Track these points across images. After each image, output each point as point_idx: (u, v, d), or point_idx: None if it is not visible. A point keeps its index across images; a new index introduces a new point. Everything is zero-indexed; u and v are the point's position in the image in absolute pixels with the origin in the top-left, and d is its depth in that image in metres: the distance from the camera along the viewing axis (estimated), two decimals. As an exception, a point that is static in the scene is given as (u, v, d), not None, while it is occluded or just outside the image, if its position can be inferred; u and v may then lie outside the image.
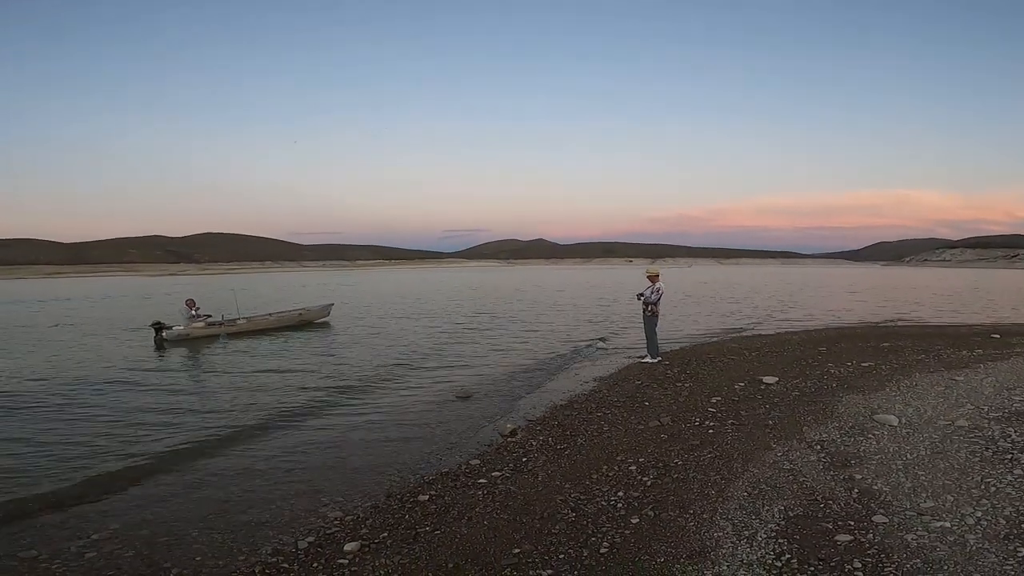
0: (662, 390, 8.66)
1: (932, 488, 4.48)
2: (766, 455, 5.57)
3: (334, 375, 11.46)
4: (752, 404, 7.53)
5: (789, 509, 4.33)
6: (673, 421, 6.94)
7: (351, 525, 4.76)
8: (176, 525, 4.99)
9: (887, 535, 3.82)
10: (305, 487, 5.78)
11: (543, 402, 8.61)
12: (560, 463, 5.81)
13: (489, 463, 6.00)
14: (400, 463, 6.32)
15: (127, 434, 7.69)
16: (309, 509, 5.19)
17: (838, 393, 7.88)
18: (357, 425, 7.93)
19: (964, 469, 4.81)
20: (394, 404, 9.02)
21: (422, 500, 5.12)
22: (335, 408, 8.88)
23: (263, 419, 8.37)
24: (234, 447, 7.13)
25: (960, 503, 4.17)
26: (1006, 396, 7.21)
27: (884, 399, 7.40)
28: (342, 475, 6.06)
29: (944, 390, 7.72)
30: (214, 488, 5.85)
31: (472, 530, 4.44)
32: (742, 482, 4.93)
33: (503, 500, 4.97)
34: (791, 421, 6.66)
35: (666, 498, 4.71)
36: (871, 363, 10.00)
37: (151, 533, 4.84)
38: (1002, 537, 3.66)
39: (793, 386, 8.44)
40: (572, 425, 7.16)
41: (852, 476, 4.87)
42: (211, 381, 11.37)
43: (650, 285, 11.07)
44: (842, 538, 3.82)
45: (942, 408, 6.78)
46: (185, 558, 4.40)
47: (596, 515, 4.51)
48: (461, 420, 7.96)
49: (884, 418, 6.44)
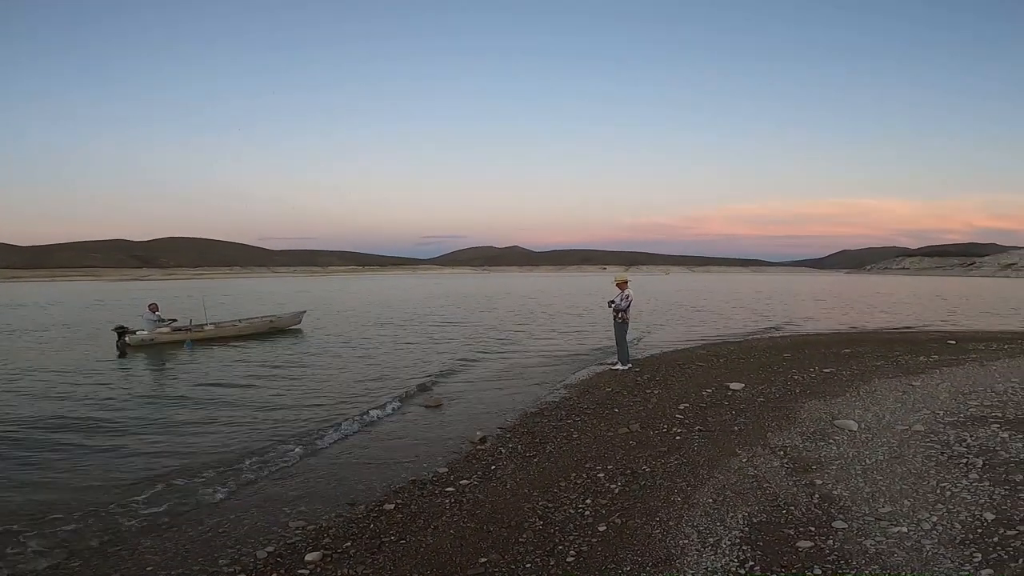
0: (631, 397, 8.72)
1: (890, 493, 4.58)
2: (731, 461, 5.64)
3: (301, 382, 11.25)
4: (719, 410, 7.64)
5: (753, 515, 4.38)
6: (642, 428, 6.98)
7: (313, 535, 4.65)
8: (128, 536, 4.82)
9: (846, 541, 3.88)
10: (265, 496, 5.64)
11: (513, 409, 8.59)
12: (529, 471, 5.79)
13: (457, 471, 5.94)
14: (366, 472, 6.22)
15: (78, 441, 7.42)
16: (269, 519, 5.06)
17: (801, 399, 8.05)
18: (322, 433, 7.75)
19: (920, 474, 4.94)
20: (362, 412, 8.86)
21: (388, 509, 5.04)
22: (300, 416, 8.68)
23: (222, 427, 8.15)
24: (191, 455, 6.92)
25: (917, 508, 4.28)
26: (961, 401, 7.46)
27: (844, 404, 7.58)
28: (305, 484, 5.93)
29: (902, 395, 7.95)
30: (167, 499, 5.65)
31: (438, 539, 4.38)
32: (708, 488, 4.97)
33: (471, 508, 4.93)
34: (756, 427, 6.77)
35: (633, 505, 4.73)
36: (833, 369, 10.26)
37: (101, 544, 4.67)
38: (957, 542, 3.75)
39: (758, 392, 8.59)
40: (542, 432, 7.15)
41: (813, 481, 4.96)
42: (171, 387, 11.04)
43: (619, 292, 11.16)
44: (803, 544, 3.88)
45: (900, 413, 6.98)
46: (135, 568, 4.26)
47: (564, 523, 4.50)
48: (430, 428, 7.88)
49: (844, 423, 6.59)
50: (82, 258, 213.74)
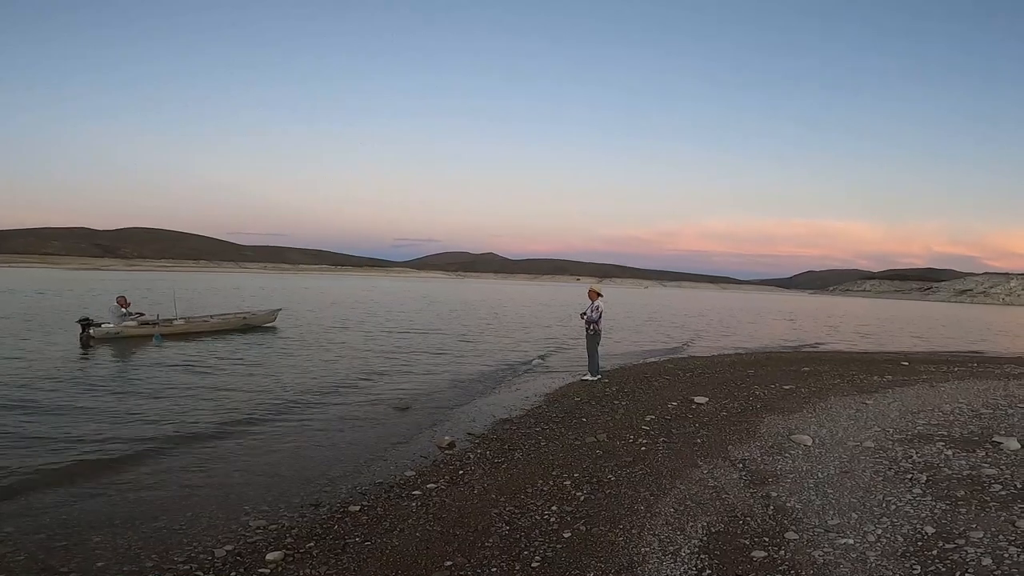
0: (599, 407, 8.87)
1: (839, 506, 4.79)
2: (693, 472, 5.81)
3: (269, 381, 11.12)
4: (683, 423, 7.84)
5: (711, 525, 4.54)
6: (608, 438, 7.12)
7: (275, 534, 4.64)
8: (77, 530, 4.73)
9: (797, 551, 4.05)
10: (226, 495, 5.59)
11: (483, 415, 8.65)
12: (497, 476, 5.85)
13: (425, 475, 5.97)
14: (332, 473, 6.20)
15: (27, 433, 7.23)
16: (229, 517, 5.02)
17: (761, 414, 8.31)
18: (288, 433, 7.72)
19: (868, 488, 5.18)
20: (329, 413, 8.82)
21: (353, 511, 5.05)
22: (265, 415, 8.59)
23: (185, 424, 8.02)
24: (150, 452, 6.80)
25: (863, 520, 4.48)
26: (910, 419, 7.81)
27: (801, 420, 7.87)
28: (268, 484, 5.88)
29: (855, 413, 8.28)
30: (123, 494, 5.57)
31: (404, 542, 4.41)
32: (670, 498, 5.12)
33: (437, 512, 4.96)
34: (718, 440, 6.97)
35: (598, 513, 4.84)
36: (792, 386, 10.60)
37: (47, 537, 4.58)
38: (899, 554, 3.94)
39: (722, 406, 8.83)
40: (510, 439, 7.23)
41: (769, 494, 5.15)
42: (134, 382, 10.77)
43: (590, 304, 11.34)
44: (757, 554, 4.04)
45: (852, 430, 7.28)
46: (84, 563, 4.19)
47: (530, 529, 4.58)
48: (398, 431, 7.88)
49: (800, 438, 6.85)
50: (41, 245, 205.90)
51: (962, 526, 4.26)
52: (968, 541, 4.02)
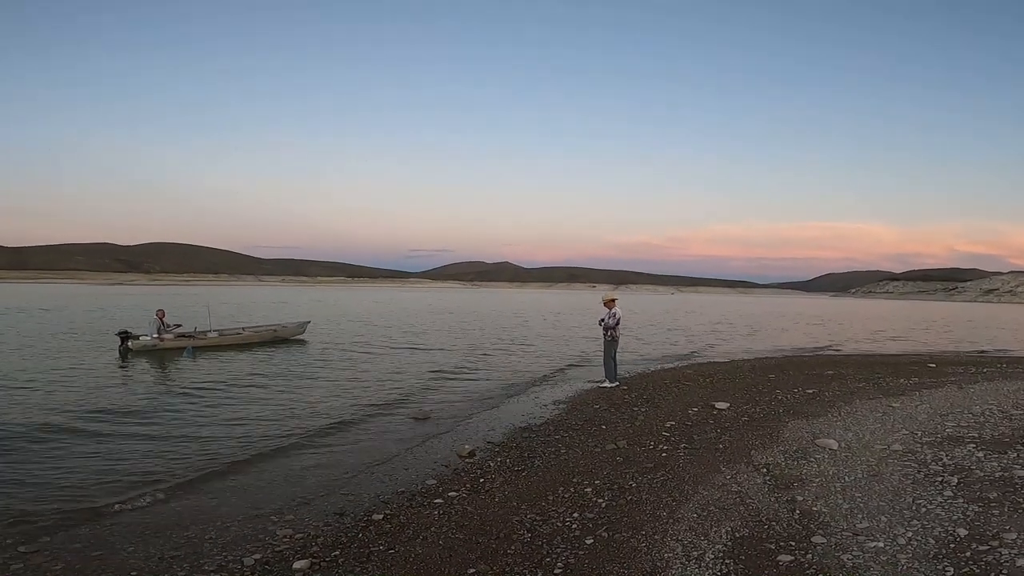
0: (619, 414, 8.82)
1: (868, 509, 4.70)
2: (716, 478, 5.75)
3: (295, 393, 11.27)
4: (704, 428, 7.76)
5: (736, 530, 4.48)
6: (629, 444, 7.08)
7: (301, 543, 4.69)
8: (111, 540, 4.83)
9: (825, 555, 3.99)
10: (254, 505, 5.66)
11: (502, 424, 8.65)
12: (517, 484, 5.85)
13: (446, 483, 6.00)
14: (355, 483, 6.25)
15: (62, 444, 7.41)
16: (257, 527, 5.08)
17: (784, 418, 8.20)
18: (312, 443, 7.79)
19: (898, 491, 5.07)
20: (352, 424, 8.89)
21: (376, 519, 5.09)
22: (289, 426, 8.69)
23: (213, 434, 8.16)
24: (178, 464, 6.90)
25: (893, 524, 4.39)
26: (939, 422, 7.63)
27: (826, 424, 7.73)
28: (294, 494, 5.95)
29: (882, 416, 8.12)
30: (153, 505, 5.67)
31: (427, 550, 4.43)
32: (692, 504, 5.07)
33: (459, 520, 4.98)
34: (740, 445, 6.89)
35: (620, 519, 4.81)
36: (815, 390, 10.43)
37: (83, 547, 4.69)
38: (931, 556, 3.86)
39: (743, 411, 8.72)
40: (530, 447, 7.22)
41: (794, 498, 5.08)
42: (166, 392, 11.08)
43: (608, 311, 11.30)
44: (784, 558, 3.98)
45: (879, 433, 7.13)
46: (118, 571, 4.28)
47: (551, 536, 4.57)
48: (419, 441, 7.91)
49: (825, 442, 6.73)
50: (64, 260, 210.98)
51: (995, 528, 4.17)
52: (1002, 543, 3.93)
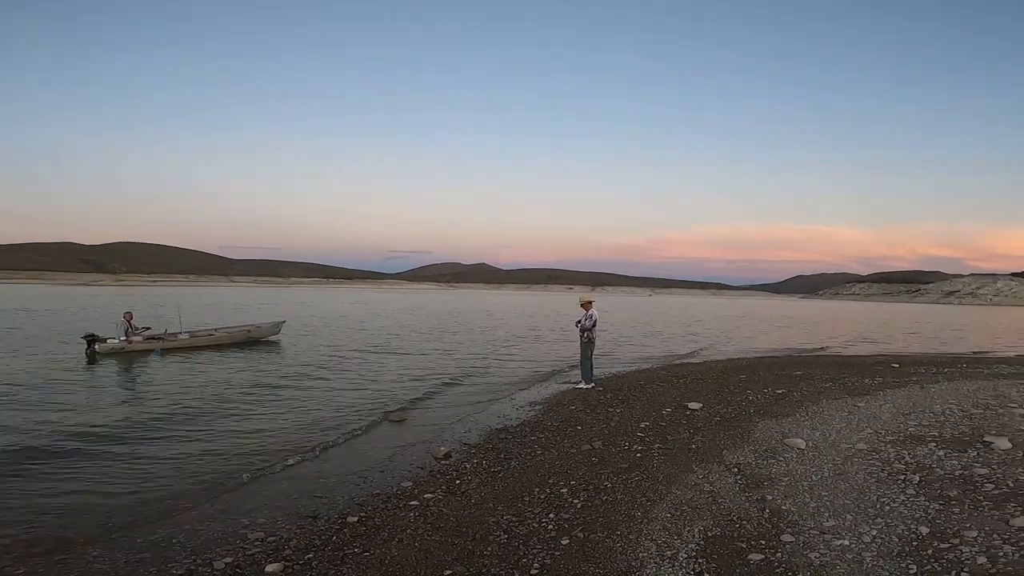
0: (594, 415, 8.89)
1: (834, 508, 4.83)
2: (688, 477, 5.84)
3: (268, 393, 11.12)
4: (677, 429, 7.87)
5: (708, 529, 4.57)
6: (604, 445, 7.15)
7: (274, 546, 4.64)
8: (74, 543, 4.73)
9: (794, 553, 4.09)
10: (222, 507, 5.59)
11: (478, 426, 8.65)
12: (494, 486, 5.87)
13: (421, 485, 5.98)
14: (329, 485, 6.20)
15: (27, 448, 7.20)
16: (228, 530, 5.02)
17: (754, 418, 8.36)
18: (285, 445, 7.69)
19: (862, 489, 5.22)
20: (325, 426, 8.80)
21: (351, 521, 5.06)
22: (262, 427, 8.59)
23: (177, 436, 8.02)
24: (144, 463, 6.78)
25: (858, 522, 4.52)
26: (902, 421, 7.87)
27: (794, 424, 7.92)
28: (264, 497, 5.89)
29: (847, 416, 8.33)
30: (120, 506, 5.56)
31: (403, 552, 4.42)
32: (666, 504, 5.15)
33: (435, 522, 4.98)
34: (712, 445, 7.01)
35: (595, 520, 4.86)
36: (784, 390, 10.67)
37: (45, 551, 4.59)
38: (895, 554, 3.98)
39: (715, 412, 8.88)
40: (506, 448, 7.24)
41: (764, 497, 5.19)
42: (133, 398, 10.81)
43: (584, 312, 11.38)
44: (754, 557, 4.07)
45: (845, 432, 7.33)
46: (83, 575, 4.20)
47: (528, 537, 4.59)
48: (394, 443, 7.88)
49: (793, 442, 6.90)
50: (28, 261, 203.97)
51: (956, 525, 4.31)
52: (963, 540, 4.06)
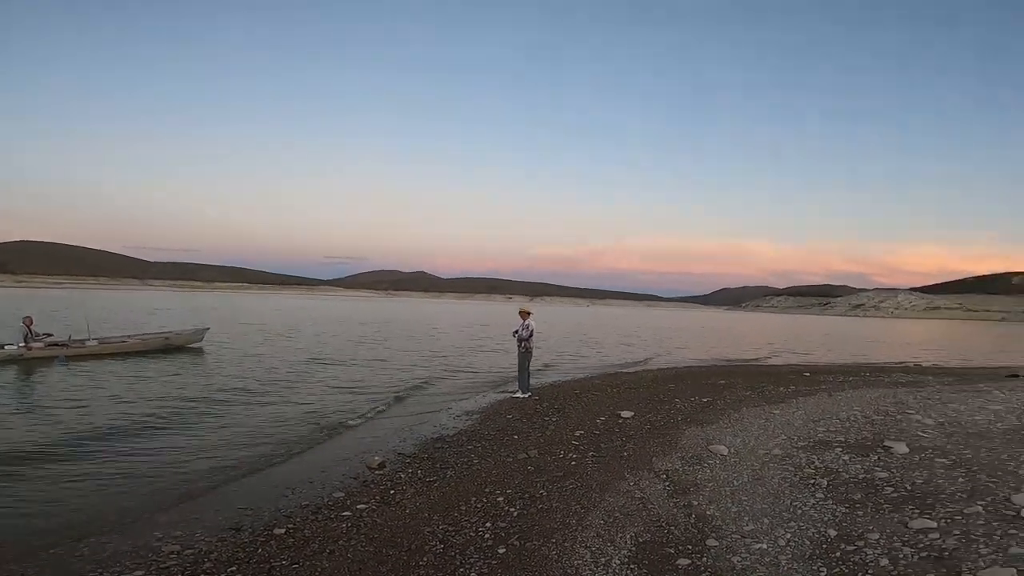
0: (531, 424, 9.00)
1: (753, 512, 5.12)
2: (621, 485, 6.03)
3: (187, 403, 10.54)
4: (611, 437, 8.10)
5: (639, 535, 4.74)
6: (540, 454, 7.26)
7: (192, 559, 4.45)
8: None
9: (718, 558, 4.30)
10: (134, 519, 5.31)
11: (413, 436, 8.55)
12: (429, 495, 5.83)
13: (354, 496, 5.88)
14: (253, 497, 5.98)
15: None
16: (139, 543, 4.78)
17: (682, 426, 8.73)
18: (207, 456, 7.36)
19: (778, 494, 5.56)
20: (252, 436, 8.46)
21: (278, 533, 4.91)
22: (181, 438, 8.15)
23: (89, 444, 7.57)
24: (47, 472, 6.34)
25: (774, 525, 4.80)
26: (812, 427, 8.43)
27: (718, 431, 8.33)
28: (181, 508, 5.63)
29: (764, 423, 8.85)
30: (14, 519, 5.17)
31: (334, 563, 4.34)
32: (600, 511, 5.29)
33: (368, 533, 4.91)
34: (643, 452, 7.26)
35: (531, 528, 4.93)
36: (709, 398, 11.19)
37: None
38: (807, 557, 4.22)
39: (646, 420, 9.19)
40: (442, 458, 7.21)
41: (691, 502, 5.44)
42: (37, 402, 10.07)
43: (521, 323, 11.51)
44: (682, 562, 4.25)
45: (762, 439, 7.78)
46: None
47: (464, 546, 4.60)
48: (325, 453, 7.68)
49: (717, 448, 7.26)
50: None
51: (860, 528, 4.61)
52: (867, 543, 4.32)
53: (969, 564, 3.80)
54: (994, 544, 4.05)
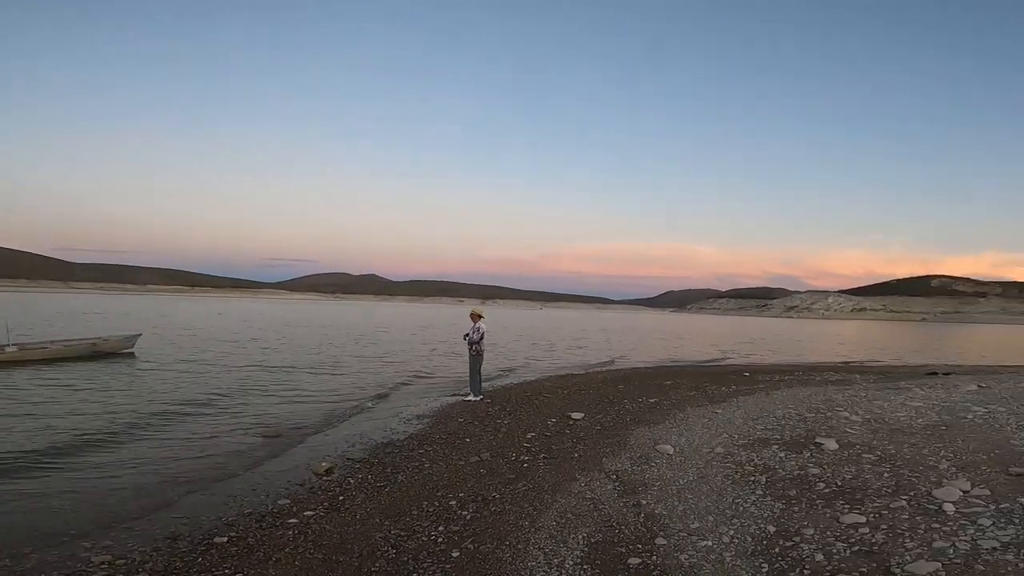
0: (482, 427, 9.00)
1: (698, 510, 5.29)
2: (572, 486, 6.13)
3: (121, 411, 9.97)
4: (562, 438, 8.21)
5: (591, 536, 4.82)
6: (492, 456, 7.27)
7: (124, 569, 4.27)
8: None
9: (667, 556, 4.41)
10: (61, 529, 5.05)
11: (362, 441, 8.38)
12: (380, 500, 5.75)
13: (301, 503, 5.73)
14: (192, 505, 5.76)
15: None
16: (65, 552, 4.56)
17: (631, 426, 8.94)
18: (139, 465, 7.02)
19: (721, 491, 5.77)
20: (190, 444, 8.11)
21: (219, 542, 4.75)
22: (107, 451, 7.70)
23: (13, 455, 7.07)
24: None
25: (719, 523, 4.96)
26: (751, 426, 8.77)
27: (664, 431, 8.58)
28: (112, 517, 5.38)
29: (708, 422, 9.16)
30: None
31: (280, 571, 4.24)
32: (552, 512, 5.36)
33: (317, 539, 4.81)
34: (593, 453, 7.40)
35: (484, 531, 4.94)
36: (656, 399, 11.51)
37: None
38: (749, 553, 4.36)
39: (596, 421, 9.36)
40: (393, 462, 7.11)
41: (640, 502, 5.57)
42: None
43: (473, 325, 11.50)
44: (633, 561, 4.35)
45: (706, 437, 8.06)
46: None
47: (417, 551, 4.57)
48: (269, 460, 7.44)
49: (664, 448, 7.48)
50: None
51: (797, 524, 4.80)
52: (803, 538, 4.50)
53: (897, 559, 4.03)
54: (919, 538, 4.32)
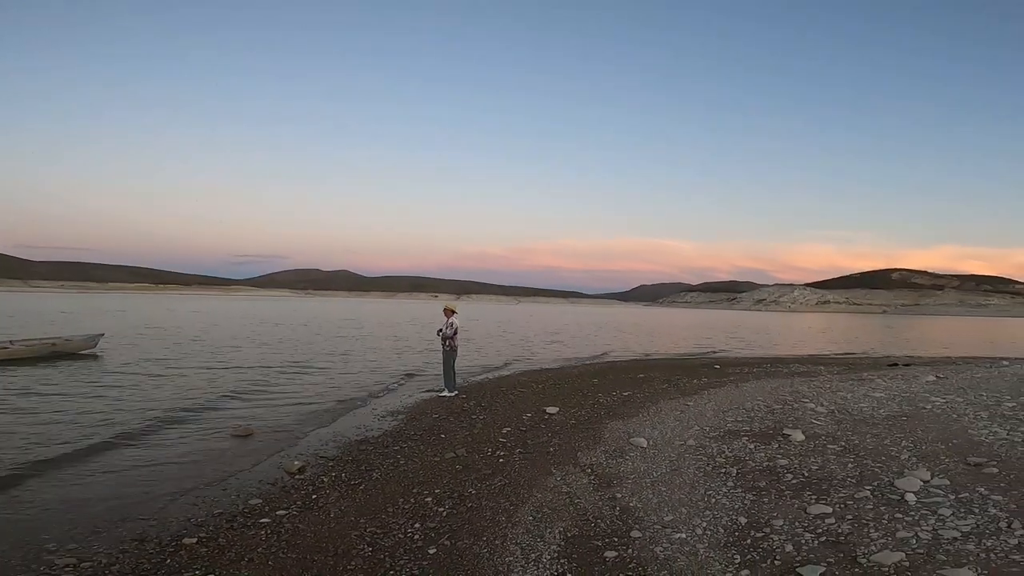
0: (458, 423, 8.98)
1: (671, 503, 5.36)
2: (548, 480, 6.16)
3: (84, 411, 9.63)
4: (537, 433, 8.25)
5: (567, 530, 4.85)
6: (468, 452, 7.27)
7: (89, 571, 4.18)
8: None
9: (642, 549, 4.46)
10: (25, 532, 4.91)
11: (335, 438, 8.26)
12: (355, 498, 5.70)
13: (273, 502, 5.65)
14: (158, 506, 5.62)
15: None
16: (28, 555, 4.44)
17: (605, 420, 9.03)
18: (107, 468, 6.79)
19: (693, 484, 5.86)
20: (158, 443, 7.91)
21: (189, 543, 4.66)
22: (80, 449, 7.47)
23: None
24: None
25: (692, 515, 5.03)
26: (721, 418, 8.96)
27: (638, 424, 8.69)
28: (77, 519, 5.24)
29: (680, 415, 9.31)
30: None
31: (254, 572, 4.18)
32: (528, 507, 5.38)
33: (290, 539, 4.75)
34: (568, 447, 7.45)
35: (461, 527, 4.94)
36: (630, 392, 11.65)
37: None
38: (722, 545, 4.43)
39: (571, 415, 9.43)
40: (367, 460, 7.05)
41: (615, 495, 5.63)
42: None
43: (446, 320, 11.45)
44: (609, 554, 4.39)
45: (678, 430, 8.19)
46: None
47: (393, 548, 4.54)
48: (239, 459, 7.29)
49: (637, 441, 7.58)
50: None
51: (766, 515, 4.91)
52: (772, 529, 4.61)
53: (863, 549, 4.15)
54: (883, 528, 4.47)
